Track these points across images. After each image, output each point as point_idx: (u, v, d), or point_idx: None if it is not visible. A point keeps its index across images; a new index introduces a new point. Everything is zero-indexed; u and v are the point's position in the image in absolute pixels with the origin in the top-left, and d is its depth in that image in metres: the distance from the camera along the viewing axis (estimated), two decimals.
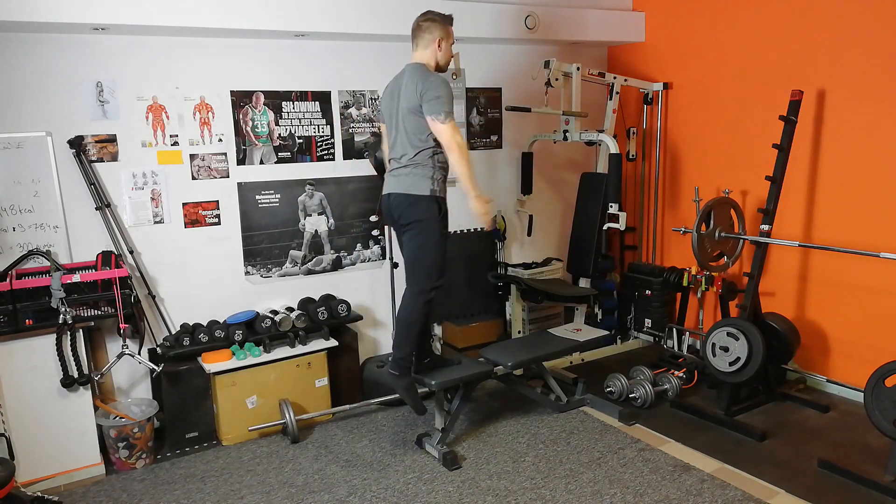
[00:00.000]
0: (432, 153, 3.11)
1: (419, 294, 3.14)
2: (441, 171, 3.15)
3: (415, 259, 3.17)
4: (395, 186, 3.16)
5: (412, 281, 3.19)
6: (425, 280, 3.14)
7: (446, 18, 3.19)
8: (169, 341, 3.63)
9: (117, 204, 3.57)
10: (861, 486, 2.95)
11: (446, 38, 3.16)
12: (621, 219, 4.16)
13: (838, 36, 3.71)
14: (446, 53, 3.19)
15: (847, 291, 3.81)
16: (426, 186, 3.10)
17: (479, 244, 4.67)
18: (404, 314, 3.18)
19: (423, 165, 3.10)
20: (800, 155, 3.91)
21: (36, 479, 3.19)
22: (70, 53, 3.37)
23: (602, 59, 5.15)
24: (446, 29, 3.16)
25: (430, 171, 3.10)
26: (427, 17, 3.16)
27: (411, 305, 3.15)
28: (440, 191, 3.15)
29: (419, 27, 3.16)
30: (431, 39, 3.13)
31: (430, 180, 3.10)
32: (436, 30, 3.13)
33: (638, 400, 3.80)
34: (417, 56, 3.18)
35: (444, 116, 2.99)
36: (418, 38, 3.17)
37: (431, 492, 3.05)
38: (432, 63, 3.16)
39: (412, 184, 3.10)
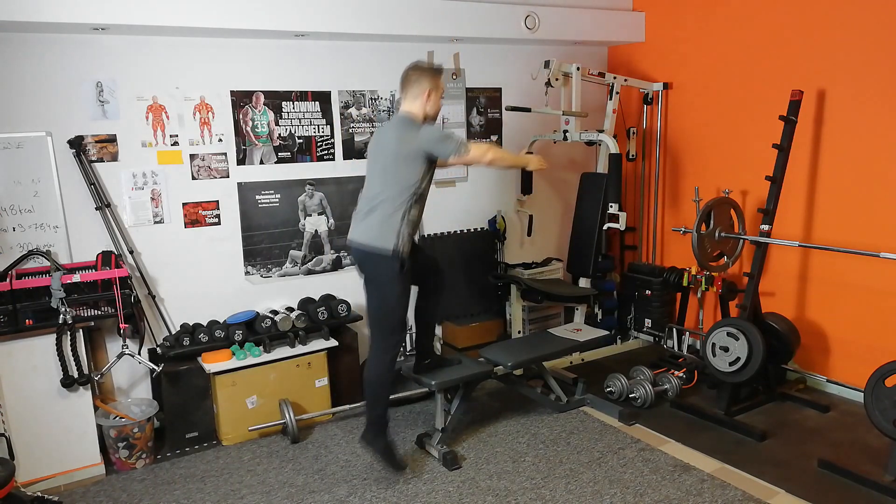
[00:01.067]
0: (406, 207, 2.99)
1: (385, 351, 3.08)
2: (409, 226, 3.02)
3: (378, 316, 3.09)
4: (360, 236, 3.06)
5: (376, 338, 3.10)
6: (388, 336, 3.08)
7: (435, 70, 3.12)
8: (169, 341, 3.63)
9: (117, 204, 3.57)
10: (861, 486, 2.95)
11: (435, 89, 3.07)
12: (621, 219, 4.16)
13: (838, 36, 3.71)
14: (435, 105, 3.10)
15: (847, 291, 3.81)
16: (390, 242, 2.97)
17: (479, 244, 4.67)
18: (372, 374, 3.09)
19: (391, 218, 2.97)
20: (800, 155, 3.91)
21: (36, 479, 3.19)
22: (70, 53, 3.37)
23: (602, 59, 5.15)
24: (435, 80, 3.08)
25: (398, 225, 2.98)
26: (416, 69, 3.09)
27: (379, 365, 3.08)
28: (403, 248, 3.00)
29: (408, 78, 3.08)
30: (420, 91, 3.05)
31: (395, 236, 2.97)
32: (425, 81, 3.05)
33: (638, 400, 3.80)
34: (406, 106, 3.10)
35: (463, 148, 2.97)
36: (407, 90, 3.09)
37: (431, 492, 3.05)
38: (421, 114, 3.07)
39: (377, 237, 2.98)
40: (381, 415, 3.12)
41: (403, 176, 2.97)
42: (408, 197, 2.99)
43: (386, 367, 3.08)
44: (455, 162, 3.04)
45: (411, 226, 3.04)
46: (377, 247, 2.98)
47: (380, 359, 3.08)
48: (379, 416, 3.12)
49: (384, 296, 3.05)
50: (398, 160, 2.97)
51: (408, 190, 2.98)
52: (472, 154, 3.00)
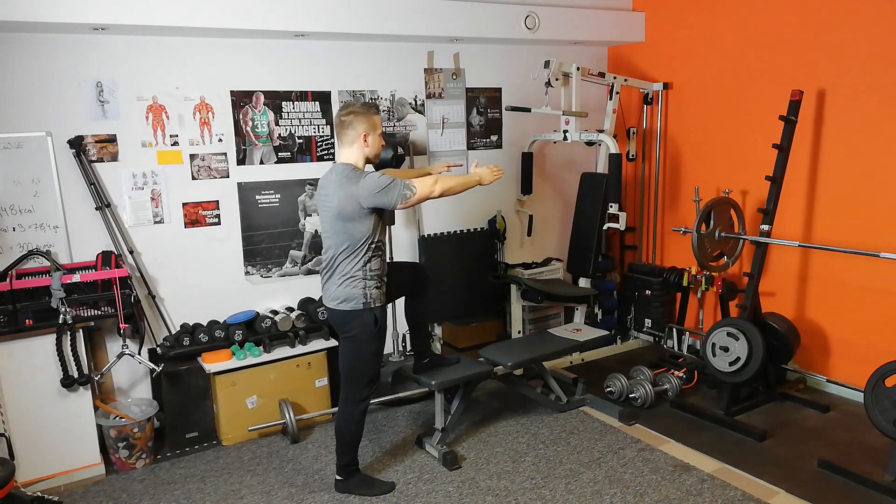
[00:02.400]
0: (364, 263, 2.86)
1: (355, 404, 3.02)
2: (375, 279, 2.91)
3: (350, 370, 3.01)
4: (329, 300, 2.95)
5: (347, 391, 3.04)
6: (359, 390, 3.01)
7: (370, 108, 2.94)
8: (169, 341, 3.63)
9: (117, 204, 3.57)
10: (861, 486, 2.95)
11: (372, 130, 2.88)
12: (621, 219, 4.16)
13: (838, 36, 3.71)
14: (374, 147, 2.91)
15: (847, 291, 3.81)
16: (359, 300, 2.88)
17: (479, 244, 4.67)
18: (342, 426, 3.04)
19: (352, 278, 2.87)
20: (800, 155, 3.91)
21: (36, 479, 3.19)
22: (70, 53, 3.37)
23: (602, 59, 5.15)
24: (371, 120, 2.88)
25: (362, 282, 2.87)
26: (349, 111, 2.87)
27: (348, 417, 3.02)
28: (375, 300, 2.91)
29: (341, 123, 2.87)
30: (356, 136, 2.85)
31: (362, 292, 2.87)
32: (359, 124, 2.84)
33: (638, 400, 3.80)
34: (343, 155, 2.91)
35: (408, 192, 2.78)
36: (342, 136, 2.89)
37: (431, 492, 3.05)
38: (361, 161, 2.89)
39: (345, 297, 2.89)
40: (350, 461, 3.09)
41: (352, 233, 2.83)
42: (363, 251, 2.85)
43: (356, 419, 3.02)
44: (403, 207, 2.83)
45: (377, 278, 2.91)
46: (347, 307, 2.89)
47: (350, 411, 3.02)
48: (349, 461, 3.08)
49: (358, 352, 2.97)
50: (344, 220, 2.81)
51: (361, 245, 2.84)
52: (420, 193, 2.82)
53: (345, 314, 2.92)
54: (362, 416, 3.04)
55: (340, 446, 3.06)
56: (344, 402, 3.04)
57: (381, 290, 2.96)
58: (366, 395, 3.03)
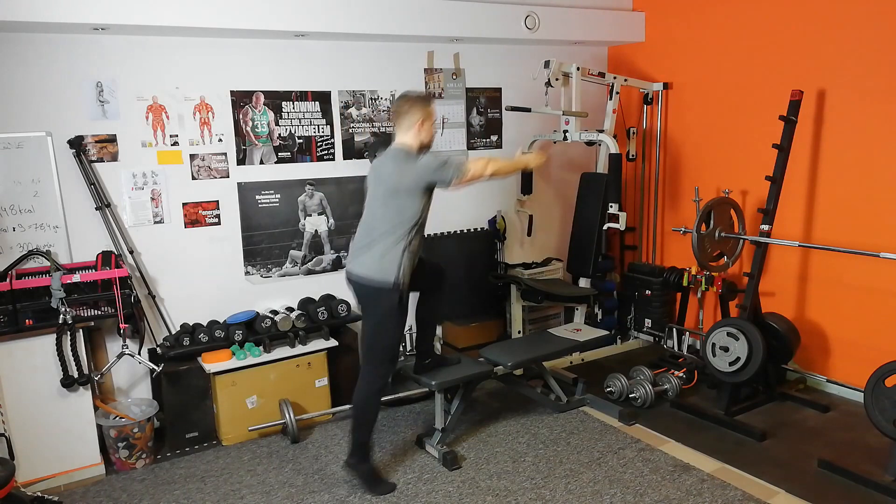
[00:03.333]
0: (407, 240, 2.97)
1: (374, 380, 3.07)
2: (410, 258, 3.00)
3: (372, 344, 3.09)
4: (360, 269, 3.02)
5: (368, 365, 3.11)
6: (380, 365, 3.08)
7: (426, 98, 3.10)
8: (169, 341, 3.63)
9: (117, 204, 3.57)
10: (861, 486, 2.95)
11: (427, 118, 3.04)
12: (621, 219, 4.16)
13: (838, 36, 3.71)
14: (428, 133, 3.07)
15: (847, 291, 3.81)
16: (391, 275, 2.95)
17: (479, 244, 4.67)
18: (361, 400, 3.09)
19: (392, 252, 2.96)
20: (800, 155, 3.91)
21: (36, 479, 3.19)
22: (70, 53, 3.37)
23: (602, 59, 5.15)
24: (426, 109, 3.04)
25: (399, 258, 2.96)
26: (407, 99, 3.05)
27: (367, 391, 3.08)
28: (403, 280, 2.99)
29: (399, 110, 3.05)
30: (412, 122, 3.02)
31: (397, 269, 2.96)
32: (416, 112, 3.01)
33: (638, 400, 3.80)
34: (400, 138, 3.07)
35: (461, 171, 2.92)
36: (399, 122, 3.06)
37: (431, 492, 3.05)
38: (415, 145, 3.04)
39: (378, 270, 2.96)
40: (365, 440, 3.11)
41: (403, 209, 2.94)
42: (409, 228, 2.96)
43: (374, 395, 3.07)
44: (457, 186, 2.99)
45: (412, 257, 3.01)
46: (378, 280, 2.95)
47: (369, 386, 3.07)
48: (363, 441, 3.11)
49: (380, 327, 3.04)
50: (397, 194, 2.94)
51: (409, 222, 2.95)
52: (472, 173, 2.95)
53: (374, 289, 2.99)
54: (379, 394, 3.09)
55: (355, 424, 3.10)
56: (362, 378, 3.11)
57: (410, 272, 3.05)
58: (384, 373, 3.10)
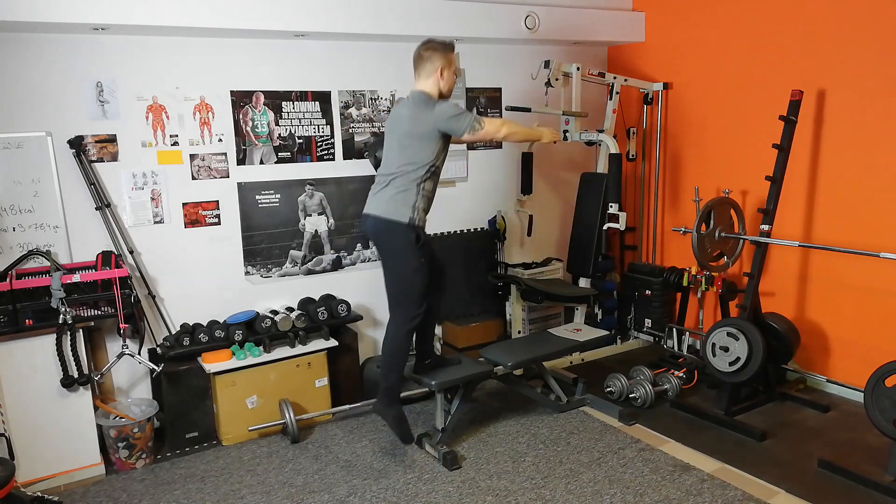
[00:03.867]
0: (420, 181, 3.06)
1: (403, 323, 3.13)
2: (424, 200, 3.10)
3: (396, 289, 3.14)
4: (375, 208, 3.12)
5: (394, 311, 3.17)
6: (406, 309, 3.13)
7: (447, 46, 3.15)
8: (169, 341, 3.63)
9: (117, 204, 3.57)
10: (861, 486, 2.95)
11: (448, 66, 3.12)
12: (621, 219, 4.16)
13: (838, 36, 3.71)
14: (448, 81, 3.15)
15: (847, 291, 3.81)
16: (405, 214, 3.04)
17: (479, 244, 4.67)
18: (390, 344, 3.16)
19: (406, 191, 3.05)
20: (800, 155, 3.91)
21: (36, 479, 3.19)
22: (70, 53, 3.37)
23: (602, 59, 5.15)
24: (447, 57, 3.12)
25: (414, 198, 3.06)
26: (428, 46, 3.13)
27: (396, 335, 3.14)
28: (419, 220, 3.08)
29: (420, 57, 3.13)
30: (433, 69, 3.10)
31: (410, 208, 3.05)
32: (437, 59, 3.09)
33: (638, 400, 3.80)
34: (420, 85, 3.15)
35: (477, 124, 3.01)
36: (420, 68, 3.14)
37: (431, 492, 3.05)
38: (435, 92, 3.13)
39: (392, 209, 3.05)
40: (394, 384, 3.18)
41: (419, 153, 3.03)
42: (423, 172, 3.06)
43: (403, 339, 3.13)
44: (469, 139, 3.07)
45: (426, 199, 3.11)
46: (392, 217, 3.04)
47: (398, 330, 3.13)
48: (393, 384, 3.18)
49: (400, 268, 3.10)
50: (413, 139, 3.03)
51: (423, 166, 3.05)
52: (486, 130, 3.04)
53: (388, 224, 3.05)
54: (408, 337, 3.15)
55: (385, 366, 3.16)
56: (391, 322, 3.18)
57: (426, 215, 3.11)
58: (413, 315, 3.14)
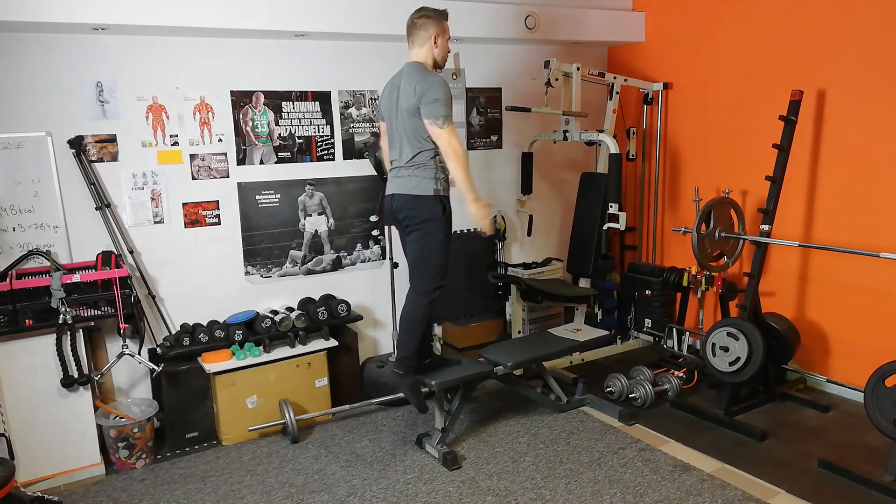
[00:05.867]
0: (434, 153, 3.09)
1: (423, 294, 3.13)
2: (443, 171, 3.14)
3: (419, 260, 3.14)
4: (399, 187, 3.14)
5: (416, 281, 3.17)
6: (429, 280, 3.13)
7: (441, 13, 3.14)
8: (169, 341, 3.63)
9: (117, 204, 3.57)
10: (861, 486, 2.95)
11: (442, 33, 3.11)
12: (621, 219, 4.16)
13: (838, 36, 3.71)
14: (443, 49, 3.14)
15: (847, 291, 3.81)
16: (430, 187, 3.07)
17: (479, 244, 4.67)
18: (408, 313, 3.17)
19: (425, 166, 3.08)
20: (800, 155, 3.91)
21: (36, 479, 3.19)
22: (70, 53, 3.36)
23: (602, 59, 5.15)
24: (441, 24, 3.11)
25: (433, 171, 3.08)
26: (421, 13, 3.11)
27: (415, 305, 3.15)
28: (444, 190, 3.12)
29: (413, 24, 3.11)
30: (427, 37, 3.08)
31: (433, 181, 3.08)
32: (431, 26, 3.08)
33: (638, 400, 3.80)
34: (414, 55, 3.14)
35: (441, 121, 2.97)
36: (413, 36, 3.12)
37: (431, 492, 3.05)
38: (430, 61, 3.12)
39: (416, 185, 3.08)
40: (411, 354, 3.18)
41: (422, 127, 3.02)
42: (432, 145, 3.05)
43: (422, 310, 3.13)
44: (427, 127, 2.99)
45: (444, 170, 3.12)
46: (418, 192, 3.06)
47: (418, 301, 3.13)
48: (409, 355, 3.17)
49: (427, 241, 3.09)
50: (411, 114, 3.02)
51: (431, 139, 3.04)
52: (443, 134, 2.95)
53: (416, 200, 3.06)
54: (429, 307, 3.14)
55: (403, 336, 3.16)
56: (412, 292, 3.17)
57: (448, 183, 3.13)
58: (434, 287, 3.14)
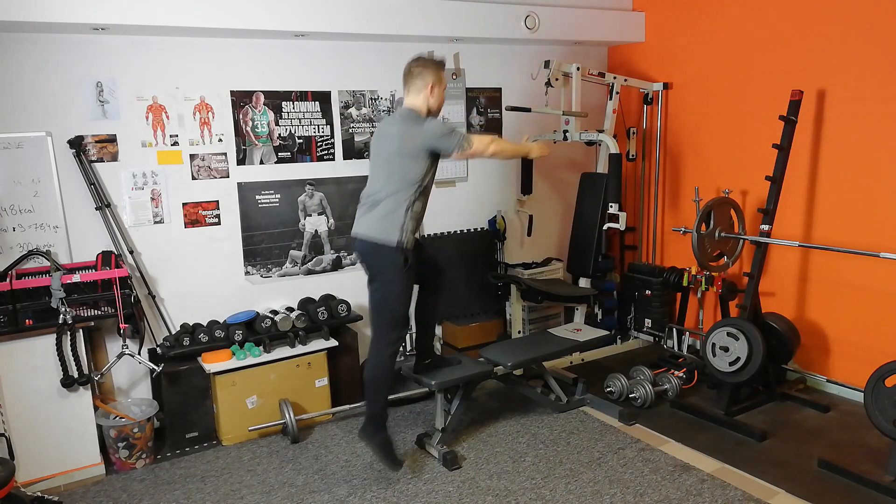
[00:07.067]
0: (409, 202, 2.99)
1: (385, 346, 3.07)
2: (413, 221, 3.03)
3: (379, 311, 3.09)
4: (364, 230, 3.06)
5: (376, 333, 3.11)
6: (390, 331, 3.08)
7: (438, 64, 3.11)
8: (169, 341, 3.63)
9: (117, 204, 3.57)
10: (861, 486, 2.95)
11: (438, 83, 3.07)
12: (621, 219, 4.16)
13: (838, 36, 3.71)
14: (438, 98, 3.10)
15: (847, 291, 3.81)
16: (394, 237, 2.98)
17: (479, 244, 4.67)
18: (372, 371, 3.10)
19: (393, 214, 2.98)
20: (800, 155, 3.91)
21: (36, 479, 3.19)
22: (70, 53, 3.37)
23: (602, 59, 5.15)
24: (438, 74, 3.08)
25: (402, 219, 2.99)
26: (418, 62, 3.09)
27: (378, 360, 3.08)
28: (408, 242, 3.02)
29: (410, 72, 3.08)
30: (423, 85, 3.05)
31: (399, 230, 2.98)
32: (428, 75, 3.05)
33: (638, 400, 3.80)
34: (409, 101, 3.10)
35: (465, 143, 2.96)
36: (410, 84, 3.09)
37: (431, 492, 3.05)
38: (424, 109, 3.08)
39: (381, 230, 2.99)
40: (380, 410, 3.13)
41: (407, 172, 2.98)
42: (412, 192, 3.00)
43: (386, 363, 3.08)
44: (458, 157, 3.07)
45: (415, 220, 3.05)
46: (380, 240, 2.99)
47: (381, 354, 3.09)
48: (378, 411, 3.13)
49: (387, 290, 3.06)
50: (401, 156, 2.98)
51: (412, 185, 2.99)
52: (475, 148, 3.01)
53: (376, 247, 3.01)
54: (391, 360, 3.09)
55: (370, 393, 3.12)
56: (373, 346, 3.12)
57: (414, 236, 3.07)
58: (395, 339, 3.10)
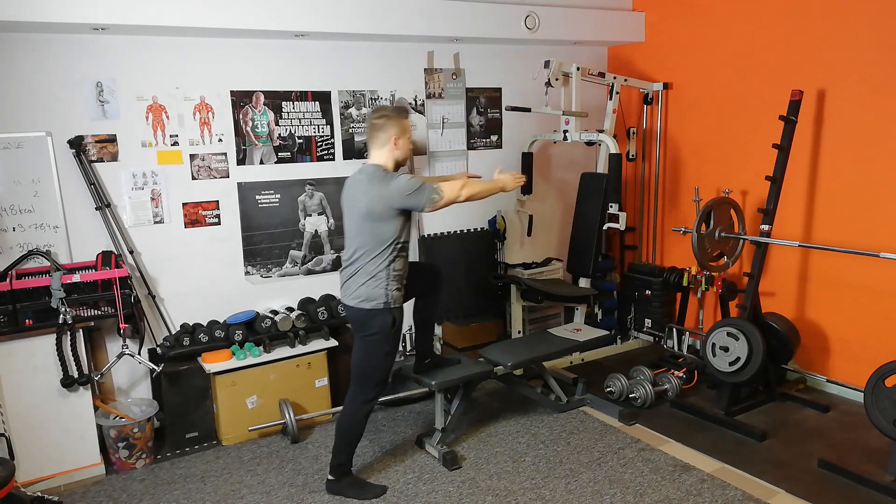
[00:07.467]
0: (388, 263, 2.90)
1: (363, 403, 3.03)
2: (397, 280, 2.94)
3: (361, 368, 3.03)
4: (349, 299, 2.97)
5: (355, 388, 3.05)
6: (369, 389, 3.02)
7: (400, 112, 3.01)
8: (169, 341, 3.63)
9: (117, 204, 3.57)
10: (861, 486, 2.95)
11: (402, 134, 2.92)
12: (621, 219, 4.16)
13: (838, 36, 3.71)
14: (404, 150, 2.96)
15: (847, 291, 3.81)
16: (380, 300, 2.91)
17: (479, 244, 4.67)
18: (345, 423, 3.05)
19: (376, 277, 2.89)
20: (800, 155, 3.91)
21: (36, 479, 3.19)
22: (70, 53, 3.36)
23: (602, 59, 5.15)
24: (402, 124, 2.93)
25: (384, 281, 2.90)
26: (381, 113, 2.94)
27: (353, 414, 3.04)
28: (395, 301, 2.94)
29: (373, 126, 2.93)
30: (386, 139, 2.90)
31: (383, 291, 2.90)
32: (390, 127, 2.89)
33: (638, 400, 3.80)
34: (374, 157, 2.96)
35: (436, 196, 2.85)
36: (373, 138, 2.94)
37: (431, 492, 3.05)
38: (390, 164, 2.93)
39: (366, 297, 2.91)
40: (344, 462, 3.08)
41: (380, 234, 2.86)
42: (389, 252, 2.89)
43: (359, 418, 3.03)
44: (430, 210, 2.92)
45: (398, 279, 2.95)
46: (368, 306, 2.91)
47: (356, 410, 3.03)
48: (344, 461, 3.08)
49: (372, 350, 2.98)
50: (371, 220, 2.85)
51: (387, 244, 2.88)
52: (447, 197, 2.88)
53: (365, 313, 2.94)
54: (366, 416, 3.06)
55: (339, 444, 3.07)
56: (350, 399, 3.06)
57: (402, 293, 3.01)
58: (372, 397, 3.05)
